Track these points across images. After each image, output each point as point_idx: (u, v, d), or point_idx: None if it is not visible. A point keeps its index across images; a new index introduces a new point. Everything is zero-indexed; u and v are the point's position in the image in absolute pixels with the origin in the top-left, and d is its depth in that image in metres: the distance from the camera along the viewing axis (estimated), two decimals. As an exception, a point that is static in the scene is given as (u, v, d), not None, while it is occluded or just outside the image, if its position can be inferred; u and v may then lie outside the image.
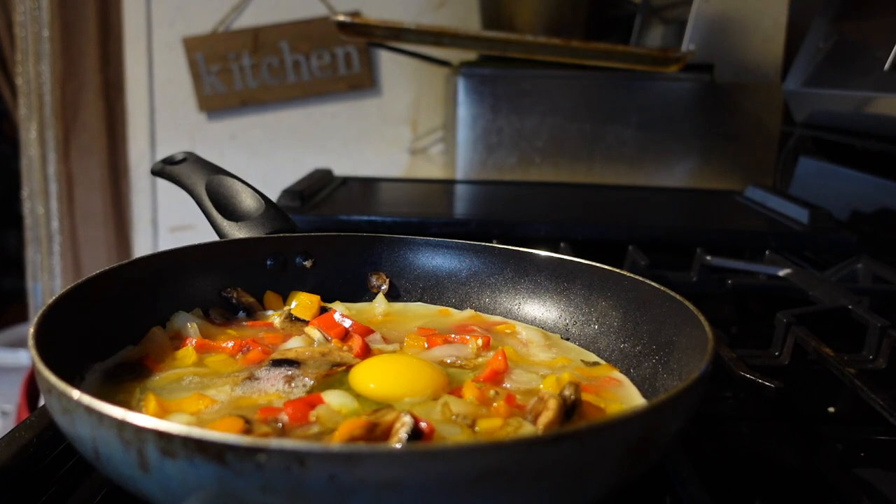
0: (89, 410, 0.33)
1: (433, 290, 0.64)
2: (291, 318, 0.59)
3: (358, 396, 0.46)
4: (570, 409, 0.44)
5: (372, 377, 0.49)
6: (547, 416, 0.42)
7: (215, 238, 0.66)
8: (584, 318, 0.57)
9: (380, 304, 0.63)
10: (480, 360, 0.53)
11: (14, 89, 2.09)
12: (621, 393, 0.50)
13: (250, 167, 1.89)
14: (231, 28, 1.92)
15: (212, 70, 1.90)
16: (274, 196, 0.89)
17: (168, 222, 2.06)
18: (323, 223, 1.00)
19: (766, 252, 0.95)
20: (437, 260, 0.64)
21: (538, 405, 0.44)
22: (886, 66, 0.99)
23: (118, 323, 0.52)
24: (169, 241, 2.06)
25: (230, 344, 0.53)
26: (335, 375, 0.50)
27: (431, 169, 1.97)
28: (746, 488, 0.49)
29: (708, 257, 0.89)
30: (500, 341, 0.57)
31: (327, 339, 0.55)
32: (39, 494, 0.43)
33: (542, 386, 0.49)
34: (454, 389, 0.48)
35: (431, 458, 0.30)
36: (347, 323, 0.57)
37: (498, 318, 0.62)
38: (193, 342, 0.53)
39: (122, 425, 0.31)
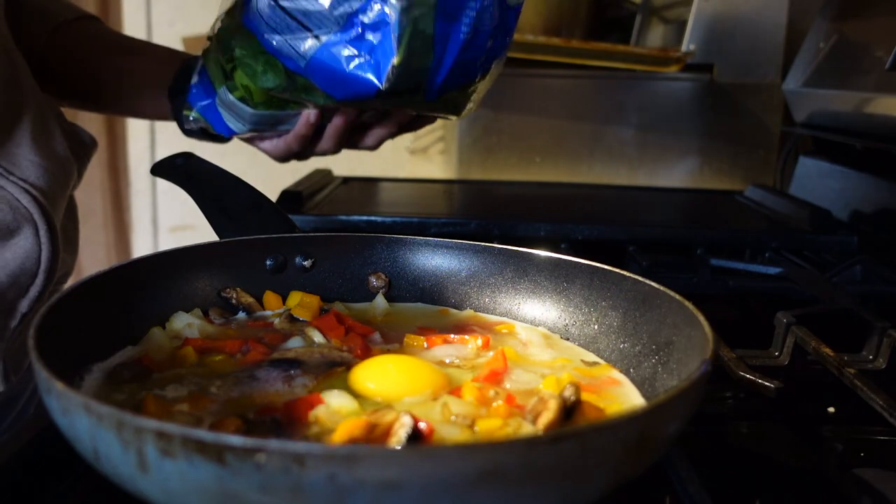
0: (89, 411, 0.33)
1: (433, 290, 0.64)
2: (291, 318, 0.59)
3: (358, 396, 0.46)
4: (570, 409, 0.44)
5: (372, 377, 0.49)
6: (547, 417, 0.42)
7: (215, 238, 0.66)
8: (583, 318, 0.57)
9: (380, 304, 0.63)
10: (480, 360, 0.53)
11: (14, 89, 2.09)
12: (621, 393, 0.50)
13: (250, 167, 1.88)
14: (231, 28, 1.92)
15: (212, 70, 1.90)
16: (274, 196, 0.89)
17: (168, 222, 2.07)
18: (323, 223, 1.00)
19: (766, 252, 0.95)
20: (436, 260, 0.64)
21: (538, 405, 0.44)
22: (887, 66, 0.99)
23: (118, 323, 0.52)
24: (169, 242, 2.06)
25: (229, 344, 0.53)
26: (335, 375, 0.50)
27: (431, 169, 1.97)
28: (746, 488, 0.49)
29: (708, 258, 0.89)
30: (500, 341, 0.57)
31: (327, 339, 0.55)
32: (39, 494, 0.43)
33: (542, 386, 0.49)
34: (454, 389, 0.48)
35: (431, 459, 0.30)
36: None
37: (497, 318, 0.62)
38: (193, 342, 0.53)
39: (121, 425, 0.31)
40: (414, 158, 1.99)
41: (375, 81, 0.67)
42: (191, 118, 0.86)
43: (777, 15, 1.41)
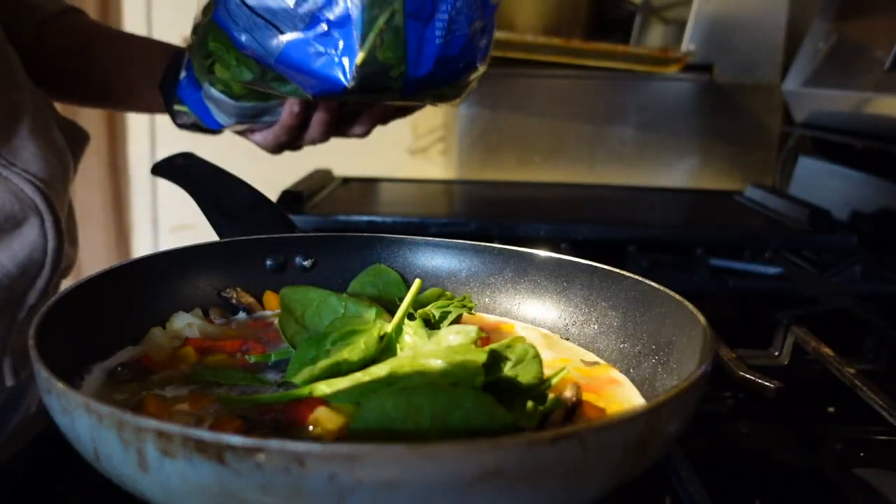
0: (89, 411, 0.33)
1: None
2: (291, 318, 0.59)
3: (358, 396, 0.46)
4: (570, 409, 0.44)
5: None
6: (547, 416, 0.42)
7: (215, 238, 0.66)
8: (583, 318, 0.57)
9: (380, 304, 0.63)
10: (480, 360, 0.53)
11: (14, 89, 2.09)
12: (621, 393, 0.50)
13: (250, 167, 1.88)
14: (231, 28, 1.92)
15: (212, 70, 1.90)
16: (274, 196, 0.89)
17: (168, 222, 2.07)
18: (323, 223, 1.00)
19: (766, 252, 0.96)
20: (436, 260, 0.64)
21: (538, 405, 0.44)
22: (886, 65, 0.99)
23: (118, 323, 0.52)
24: (169, 241, 2.06)
25: (230, 344, 0.53)
26: (335, 375, 0.50)
27: (431, 169, 1.97)
28: (746, 488, 0.49)
29: (708, 258, 0.89)
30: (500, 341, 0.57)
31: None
32: (39, 494, 0.44)
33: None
34: (454, 389, 0.48)
35: (431, 459, 0.30)
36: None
37: (497, 318, 0.62)
38: (193, 342, 0.53)
39: (121, 425, 0.31)
40: (414, 158, 1.99)
41: (342, 80, 0.66)
42: (182, 112, 0.85)
43: (777, 15, 1.41)
